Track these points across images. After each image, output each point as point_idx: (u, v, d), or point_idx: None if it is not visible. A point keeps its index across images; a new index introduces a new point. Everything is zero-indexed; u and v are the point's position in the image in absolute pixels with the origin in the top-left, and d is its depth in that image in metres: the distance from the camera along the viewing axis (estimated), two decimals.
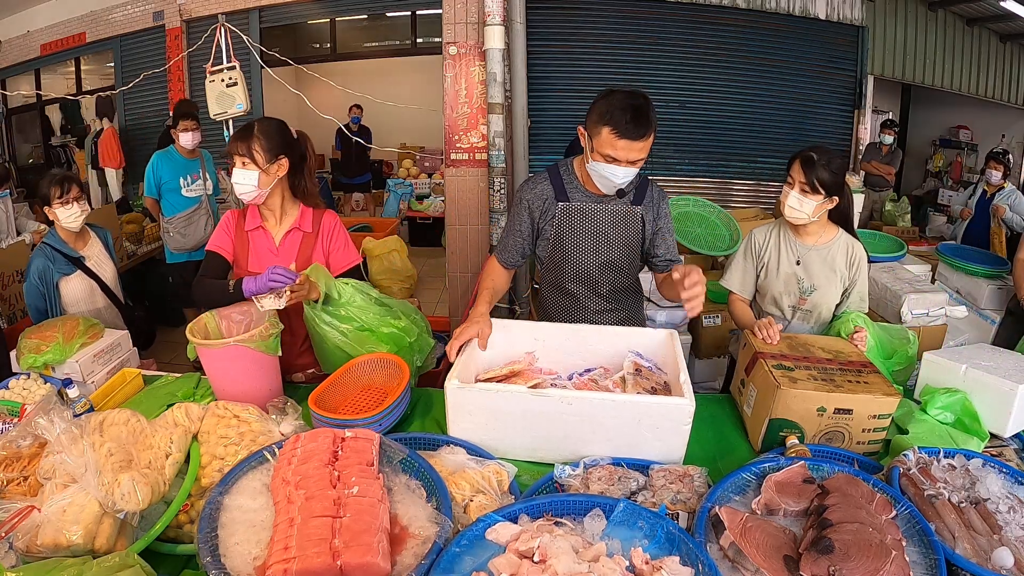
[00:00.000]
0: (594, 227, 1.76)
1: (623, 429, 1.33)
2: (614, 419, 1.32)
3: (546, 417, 1.34)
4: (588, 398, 1.34)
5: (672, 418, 1.31)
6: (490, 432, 1.39)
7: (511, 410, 1.36)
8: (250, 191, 1.73)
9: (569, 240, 1.77)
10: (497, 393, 1.37)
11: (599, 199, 1.74)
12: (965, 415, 1.50)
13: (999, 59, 5.99)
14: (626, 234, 1.77)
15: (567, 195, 1.75)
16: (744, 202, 5.35)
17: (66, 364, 1.76)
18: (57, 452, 1.10)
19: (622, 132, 1.51)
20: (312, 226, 1.85)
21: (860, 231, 4.11)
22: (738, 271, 2.02)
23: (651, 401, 1.34)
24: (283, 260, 1.81)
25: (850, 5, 5.23)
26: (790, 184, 1.83)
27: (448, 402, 1.38)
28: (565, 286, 1.84)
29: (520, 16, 3.05)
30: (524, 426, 1.37)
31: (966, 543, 1.05)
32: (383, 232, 4.95)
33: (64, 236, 2.31)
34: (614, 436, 1.34)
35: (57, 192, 2.21)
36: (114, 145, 5.81)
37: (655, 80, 5.15)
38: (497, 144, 3.13)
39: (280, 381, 1.67)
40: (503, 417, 1.37)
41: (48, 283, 2.24)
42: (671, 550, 1.00)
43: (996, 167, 4.22)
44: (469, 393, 1.38)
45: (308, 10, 5.33)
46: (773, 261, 1.97)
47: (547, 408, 1.33)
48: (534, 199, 1.77)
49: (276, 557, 0.93)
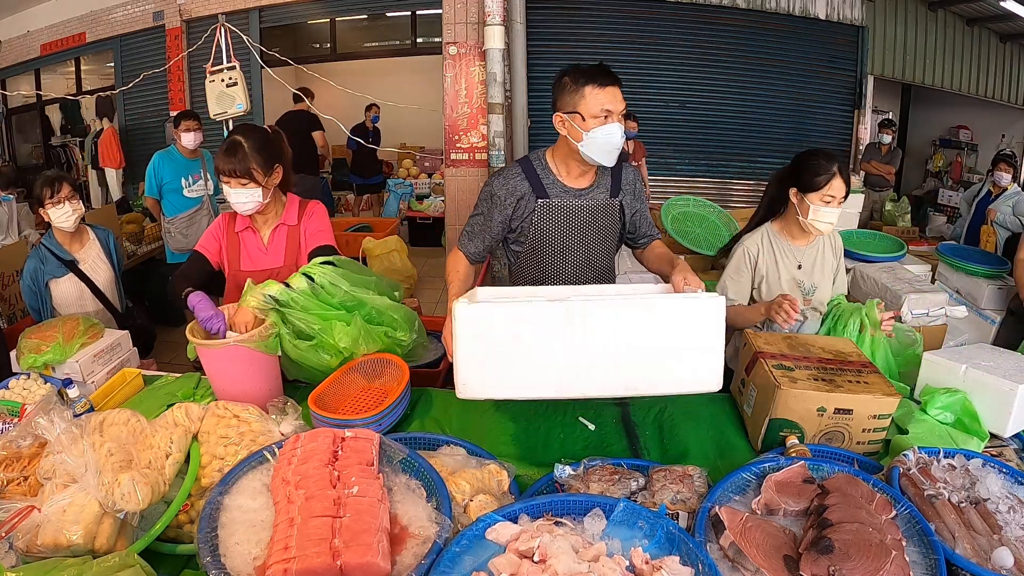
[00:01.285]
0: (575, 224, 1.72)
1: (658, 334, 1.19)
2: (647, 322, 1.19)
3: (572, 333, 1.17)
4: (616, 299, 1.20)
5: (706, 316, 1.21)
6: (505, 362, 1.20)
7: (528, 327, 1.18)
8: (252, 205, 1.77)
9: (550, 238, 1.73)
10: (515, 305, 1.18)
11: (577, 194, 1.71)
12: (965, 415, 1.50)
13: (999, 59, 5.99)
14: (607, 228, 1.75)
15: (545, 191, 1.69)
16: (744, 202, 5.35)
17: (66, 364, 1.76)
18: (57, 452, 1.10)
19: (603, 82, 1.54)
20: (297, 218, 1.89)
21: (860, 231, 4.13)
22: (733, 285, 1.93)
23: (683, 297, 1.25)
24: (272, 258, 1.87)
25: (850, 5, 5.23)
26: (827, 201, 1.76)
27: (456, 327, 1.19)
28: (544, 282, 1.79)
29: (520, 16, 3.05)
30: (547, 348, 1.19)
31: (966, 543, 1.05)
32: (383, 232, 4.94)
33: (60, 238, 2.28)
34: (649, 343, 1.20)
35: (48, 192, 2.18)
36: (114, 145, 5.82)
37: (655, 80, 5.15)
38: (497, 144, 3.13)
39: (280, 381, 1.67)
40: (520, 340, 1.18)
41: (39, 284, 2.25)
42: (671, 550, 1.00)
43: (1007, 169, 4.08)
44: (482, 310, 1.18)
45: (308, 10, 5.34)
46: (772, 271, 1.91)
47: (568, 318, 1.17)
48: (507, 196, 1.70)
49: (276, 557, 0.93)
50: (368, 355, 1.69)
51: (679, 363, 1.23)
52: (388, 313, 1.71)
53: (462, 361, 1.21)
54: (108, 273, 2.41)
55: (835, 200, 1.77)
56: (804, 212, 1.81)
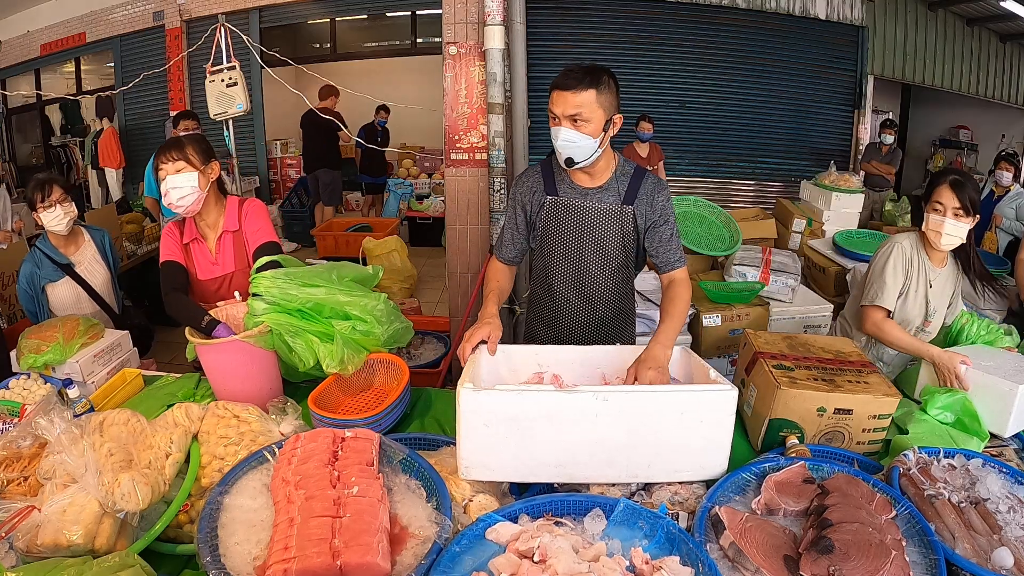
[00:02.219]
0: (580, 224, 1.70)
1: (665, 426, 1.18)
2: (653, 415, 1.18)
3: (576, 422, 1.17)
4: (625, 392, 1.19)
5: (717, 408, 1.20)
6: (511, 447, 1.18)
7: (536, 415, 1.17)
8: (189, 194, 1.75)
9: (555, 236, 1.72)
10: (520, 395, 1.16)
11: (586, 193, 1.68)
12: (965, 415, 1.50)
13: (999, 59, 5.99)
14: (615, 233, 1.70)
15: (556, 189, 1.71)
16: (744, 202, 5.35)
17: (66, 364, 1.76)
18: (57, 452, 1.10)
19: (555, 84, 1.53)
20: (237, 222, 1.88)
21: (860, 231, 4.12)
22: (893, 285, 1.86)
23: (694, 390, 1.23)
24: (222, 266, 1.87)
25: (850, 5, 5.23)
26: (938, 211, 1.76)
27: (460, 411, 1.18)
28: (550, 284, 1.79)
29: (520, 16, 3.04)
30: (551, 436, 1.18)
31: (966, 543, 1.05)
32: (383, 232, 4.95)
33: (54, 241, 2.25)
34: (653, 438, 1.19)
35: (39, 196, 2.13)
36: (114, 145, 5.82)
37: (655, 80, 5.15)
38: (497, 144, 3.12)
39: (280, 381, 1.67)
40: (526, 427, 1.17)
41: (35, 288, 2.23)
42: (671, 550, 1.00)
43: (1008, 168, 4.09)
44: (486, 398, 1.16)
45: (308, 10, 5.34)
46: (913, 281, 1.89)
47: (578, 408, 1.17)
48: (525, 192, 1.74)
49: (276, 557, 0.93)
50: (368, 355, 1.69)
51: (685, 456, 1.22)
52: (355, 302, 1.61)
53: (466, 444, 1.20)
54: (104, 274, 2.38)
55: (943, 208, 1.76)
56: (925, 223, 1.83)
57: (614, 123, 1.57)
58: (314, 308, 1.57)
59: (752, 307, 2.95)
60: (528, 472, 1.21)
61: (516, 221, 1.77)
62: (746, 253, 3.28)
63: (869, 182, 5.43)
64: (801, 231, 4.21)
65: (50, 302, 2.26)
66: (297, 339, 1.55)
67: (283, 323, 1.54)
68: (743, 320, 2.91)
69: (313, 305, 1.57)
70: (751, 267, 3.13)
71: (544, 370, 1.54)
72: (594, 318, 1.80)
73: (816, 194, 4.32)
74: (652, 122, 4.74)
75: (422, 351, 3.41)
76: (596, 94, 1.51)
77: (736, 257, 3.24)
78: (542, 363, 1.54)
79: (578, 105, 1.51)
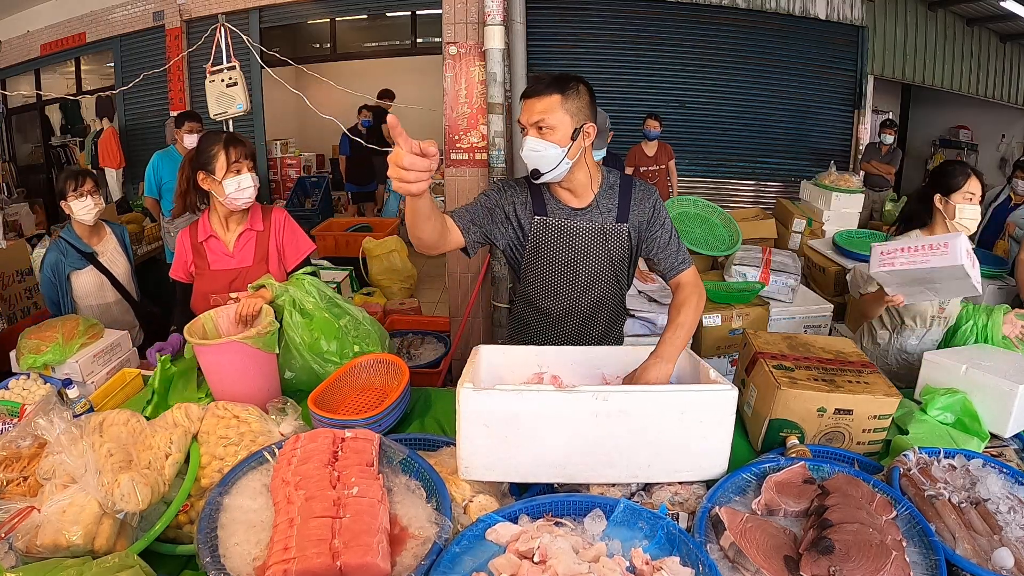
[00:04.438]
0: (572, 245, 1.63)
1: (665, 426, 1.19)
2: (654, 415, 1.19)
3: (578, 422, 1.18)
4: (625, 392, 1.19)
5: (717, 408, 1.20)
6: (511, 447, 1.18)
7: (537, 416, 1.17)
8: (251, 190, 1.87)
9: (545, 257, 1.65)
10: (520, 395, 1.16)
11: (575, 213, 1.61)
12: (965, 415, 1.50)
13: (999, 59, 5.99)
14: (607, 253, 1.64)
15: (544, 208, 1.62)
16: (744, 202, 5.34)
17: (66, 364, 1.76)
18: (57, 452, 1.10)
19: (522, 94, 1.50)
20: (263, 224, 1.97)
21: (860, 231, 4.12)
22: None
23: (694, 390, 1.23)
24: (238, 263, 1.94)
25: (850, 5, 5.22)
26: (968, 199, 1.91)
27: (460, 412, 1.18)
28: (538, 304, 1.72)
29: (520, 16, 3.05)
30: (551, 436, 1.19)
31: (966, 543, 1.05)
32: (383, 232, 4.95)
33: (79, 231, 2.40)
34: (653, 438, 1.19)
35: (72, 185, 2.30)
36: (114, 145, 5.81)
37: (655, 80, 5.15)
38: (497, 144, 3.12)
39: (279, 381, 1.67)
40: (526, 427, 1.18)
41: (59, 276, 2.34)
42: (671, 550, 1.00)
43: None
44: (486, 398, 1.16)
45: (308, 10, 5.33)
46: None
47: (580, 408, 1.17)
48: (517, 202, 1.63)
49: (276, 557, 0.93)
50: (367, 355, 1.69)
51: (685, 456, 1.22)
52: (364, 326, 1.82)
53: (465, 444, 1.20)
54: (125, 265, 2.54)
55: (975, 197, 1.92)
56: (951, 214, 1.96)
57: (585, 132, 1.48)
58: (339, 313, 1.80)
59: (752, 307, 2.95)
60: (528, 472, 1.21)
61: (488, 199, 1.63)
62: (746, 253, 3.28)
63: (869, 182, 5.43)
64: (801, 231, 4.21)
65: (74, 289, 2.38)
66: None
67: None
68: (743, 320, 2.92)
69: (339, 310, 1.80)
70: (751, 267, 3.14)
71: (544, 370, 1.53)
72: (583, 337, 1.75)
73: (816, 194, 4.32)
74: (659, 120, 4.73)
75: (422, 351, 3.41)
76: (561, 99, 1.44)
77: (736, 257, 3.24)
78: (542, 363, 1.54)
79: (541, 111, 1.44)
